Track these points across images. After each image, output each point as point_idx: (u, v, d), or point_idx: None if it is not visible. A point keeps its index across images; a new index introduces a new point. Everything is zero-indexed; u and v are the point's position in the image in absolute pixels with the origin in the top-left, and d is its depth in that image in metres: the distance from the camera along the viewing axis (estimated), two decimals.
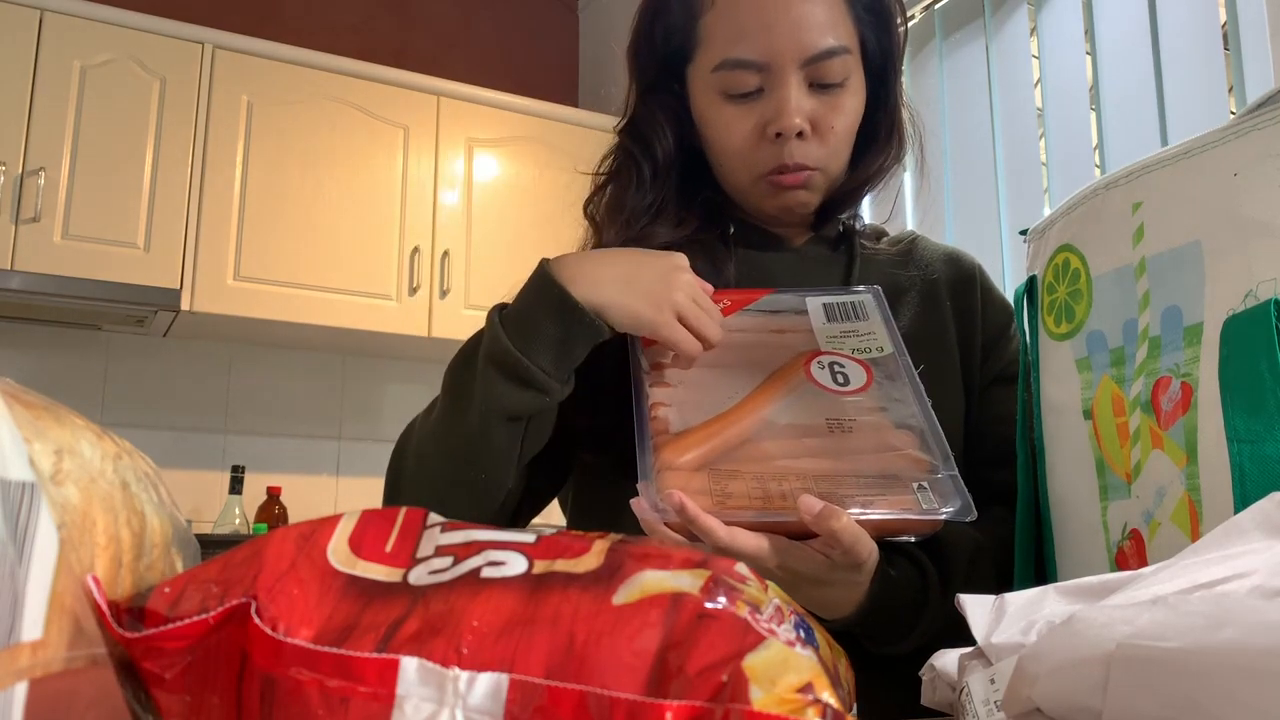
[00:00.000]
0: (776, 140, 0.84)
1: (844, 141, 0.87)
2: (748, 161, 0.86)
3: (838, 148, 0.87)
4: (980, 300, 0.93)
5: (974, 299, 0.93)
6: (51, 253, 2.57)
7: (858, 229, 0.95)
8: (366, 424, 3.18)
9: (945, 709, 0.49)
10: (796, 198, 0.87)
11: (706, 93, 0.86)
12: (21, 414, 0.36)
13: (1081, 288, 0.65)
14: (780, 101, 0.82)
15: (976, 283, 0.94)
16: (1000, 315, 0.93)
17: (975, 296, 0.93)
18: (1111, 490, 0.62)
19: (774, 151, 0.84)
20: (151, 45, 2.76)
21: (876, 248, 0.95)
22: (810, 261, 0.93)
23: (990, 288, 0.95)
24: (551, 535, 0.44)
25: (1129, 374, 0.60)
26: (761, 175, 0.86)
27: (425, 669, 0.35)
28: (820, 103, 0.84)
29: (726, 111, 0.85)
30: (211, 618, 0.36)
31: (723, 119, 0.85)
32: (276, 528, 0.45)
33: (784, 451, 0.68)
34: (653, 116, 0.90)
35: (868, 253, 0.94)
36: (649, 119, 0.90)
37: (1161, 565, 0.39)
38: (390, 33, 3.35)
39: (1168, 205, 0.59)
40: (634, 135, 0.91)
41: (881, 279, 0.91)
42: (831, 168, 0.87)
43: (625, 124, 0.92)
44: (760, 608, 0.40)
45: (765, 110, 0.83)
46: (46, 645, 0.32)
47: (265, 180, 2.82)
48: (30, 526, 0.32)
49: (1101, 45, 2.11)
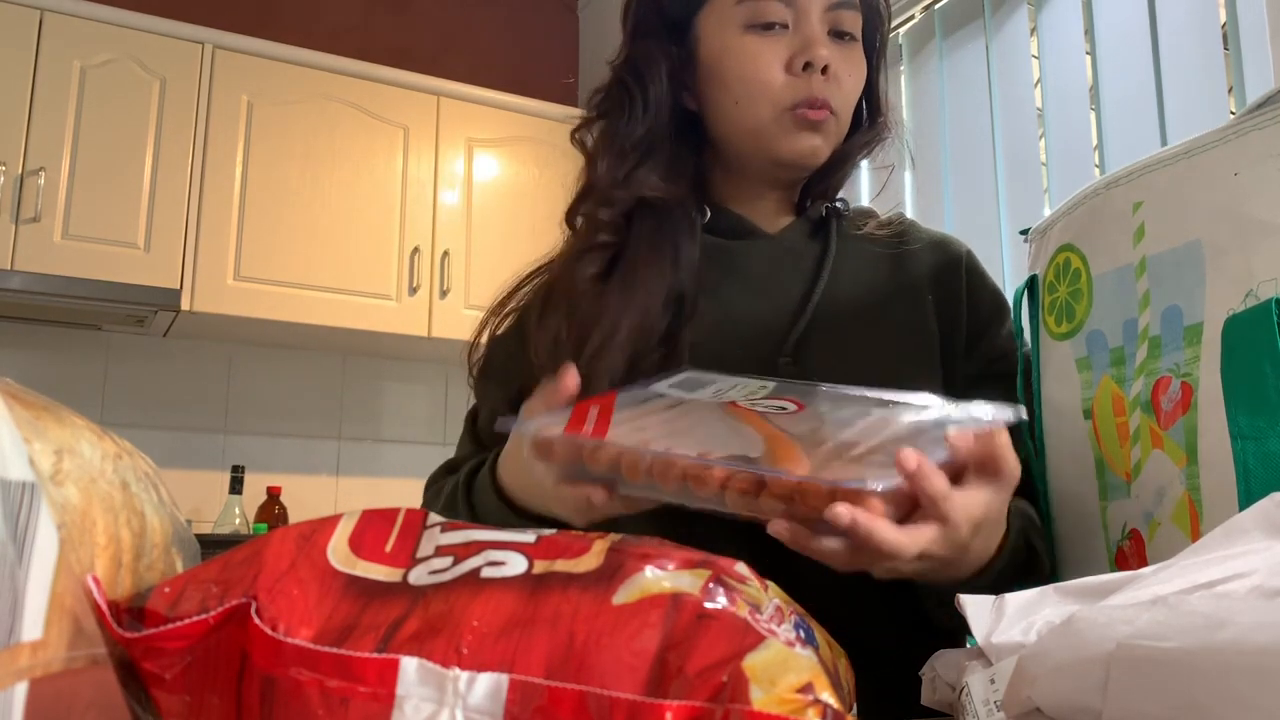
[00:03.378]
0: (804, 72, 0.84)
1: (854, 95, 0.89)
2: (773, 93, 0.85)
3: (850, 98, 0.88)
4: (966, 287, 0.90)
5: (958, 286, 0.90)
6: (51, 253, 2.57)
7: (843, 211, 0.94)
8: (366, 424, 3.18)
9: (945, 709, 0.49)
10: (812, 141, 0.86)
11: (728, 27, 0.86)
12: (21, 414, 0.36)
13: (1082, 287, 0.65)
14: (811, 34, 0.85)
15: (962, 268, 0.92)
16: (988, 306, 0.91)
17: (960, 283, 0.91)
18: (1111, 490, 0.62)
19: (801, 84, 0.85)
20: (151, 45, 2.75)
21: (863, 231, 0.94)
22: (783, 249, 0.91)
23: (979, 274, 0.93)
24: (551, 535, 0.44)
25: (1129, 374, 0.60)
26: (786, 109, 0.85)
27: (425, 669, 0.35)
28: (837, 50, 0.86)
29: (752, 42, 0.85)
30: (211, 618, 0.36)
31: (750, 49, 0.85)
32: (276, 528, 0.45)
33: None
34: (649, 55, 0.89)
35: (855, 236, 0.92)
36: (645, 56, 0.90)
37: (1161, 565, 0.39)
38: (390, 33, 3.35)
39: (1168, 205, 0.59)
40: (629, 69, 0.90)
41: (859, 265, 0.90)
42: (843, 119, 0.88)
43: (620, 60, 0.92)
44: (760, 608, 0.40)
45: (792, 43, 0.85)
46: (46, 645, 0.32)
47: (265, 180, 2.82)
48: (30, 526, 0.32)
49: (1101, 45, 2.11)
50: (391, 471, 3.17)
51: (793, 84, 0.85)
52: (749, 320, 0.87)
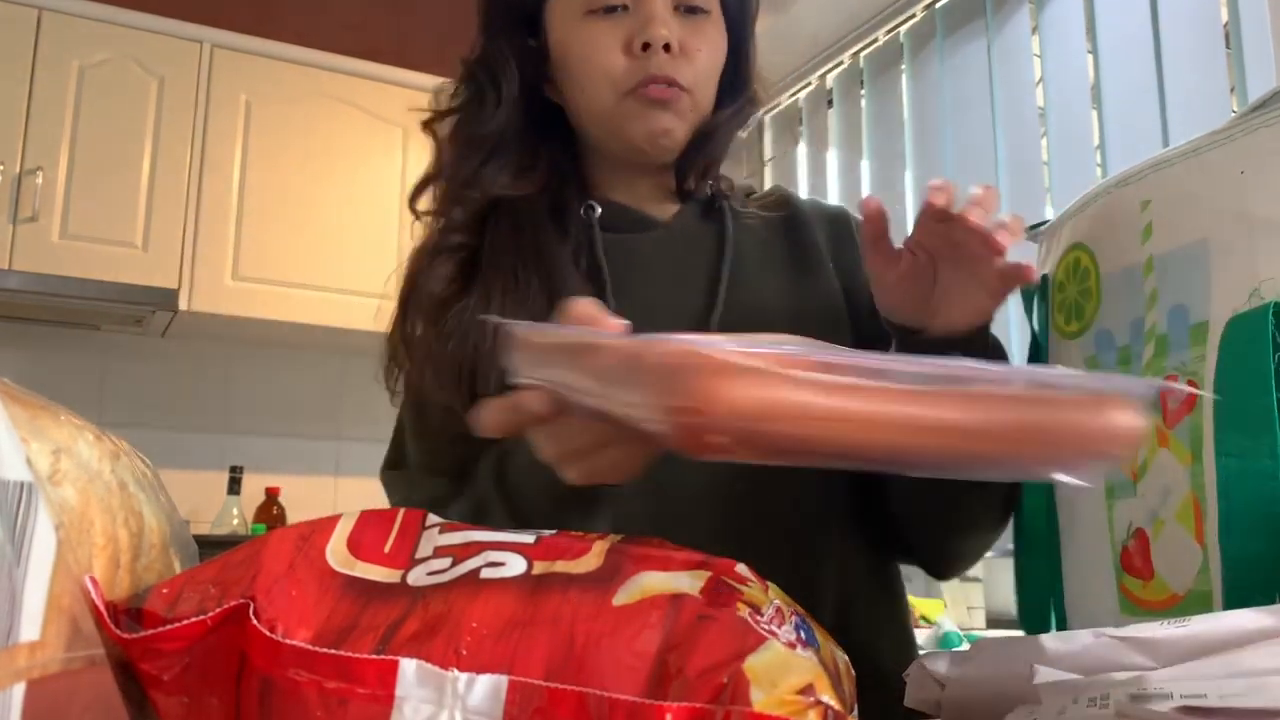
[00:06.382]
0: (644, 53, 0.83)
1: (709, 70, 0.87)
2: (613, 77, 0.84)
3: (704, 73, 0.86)
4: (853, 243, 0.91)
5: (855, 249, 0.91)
6: (49, 252, 2.56)
7: (724, 190, 0.93)
8: (365, 424, 3.17)
9: (930, 709, 0.49)
10: (663, 121, 0.84)
11: (571, 15, 0.85)
12: (19, 414, 0.36)
13: (1091, 286, 0.65)
14: (649, 12, 0.83)
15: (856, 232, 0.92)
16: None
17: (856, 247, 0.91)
18: (1118, 489, 0.62)
19: (640, 65, 0.83)
20: (150, 44, 2.75)
21: (748, 210, 0.93)
22: (680, 236, 0.90)
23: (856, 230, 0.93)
24: (551, 536, 0.44)
25: (1136, 372, 0.60)
26: (627, 91, 0.84)
27: (424, 670, 0.35)
28: (685, 25, 0.85)
29: (592, 27, 0.84)
30: (209, 619, 0.36)
31: (589, 35, 0.84)
32: (275, 528, 0.45)
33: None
34: (500, 50, 0.88)
35: (741, 216, 0.92)
36: (496, 52, 0.89)
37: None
38: (389, 31, 3.34)
39: (1175, 203, 0.59)
40: (480, 63, 0.89)
41: (754, 242, 0.90)
42: (698, 95, 0.86)
43: (473, 57, 0.91)
44: (761, 609, 0.40)
45: (632, 25, 0.84)
46: (44, 646, 0.32)
47: (264, 179, 2.81)
48: (28, 527, 0.32)
49: (1103, 44, 2.11)
50: None
51: (632, 66, 0.83)
52: (663, 312, 0.85)
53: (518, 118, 0.87)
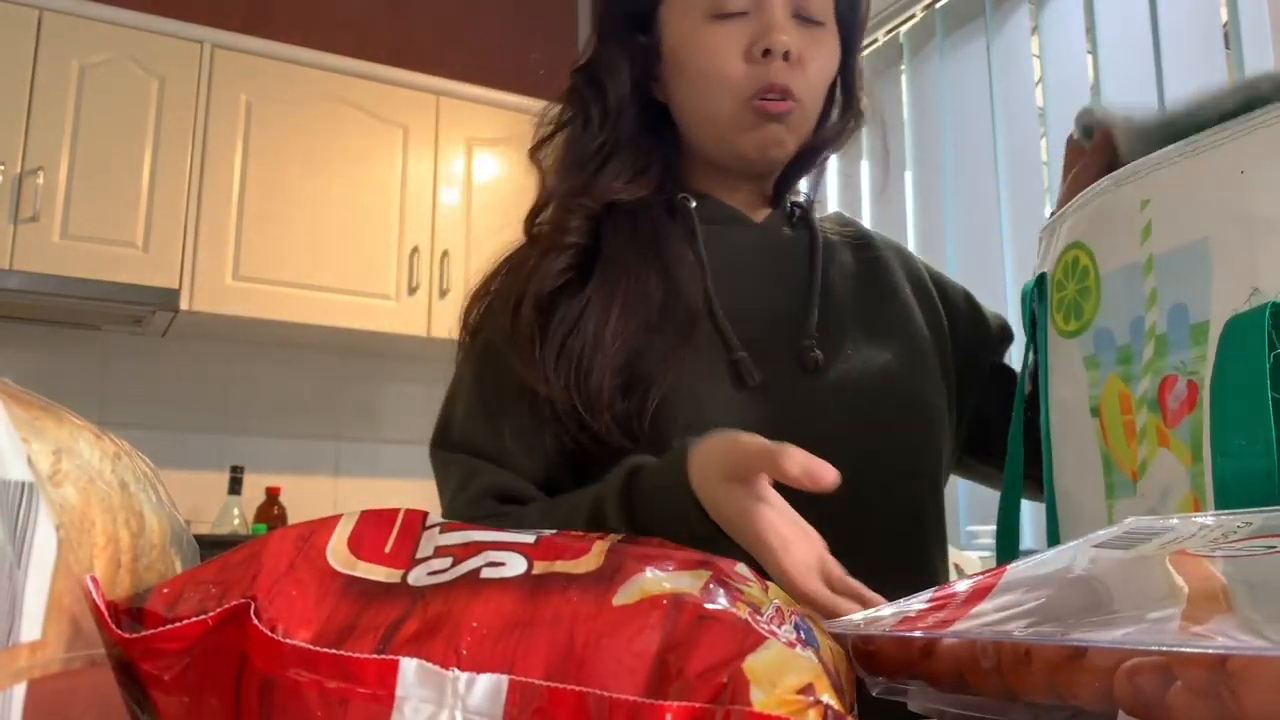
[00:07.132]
0: (764, 59, 0.83)
1: (821, 82, 0.87)
2: (733, 83, 0.84)
3: (816, 85, 0.87)
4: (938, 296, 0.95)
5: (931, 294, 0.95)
6: (50, 252, 2.57)
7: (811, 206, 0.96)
8: (366, 424, 3.18)
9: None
10: (776, 134, 0.85)
11: (689, 16, 0.85)
12: (20, 414, 0.36)
13: (1090, 285, 0.65)
14: (770, 19, 0.83)
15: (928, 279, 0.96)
16: (953, 290, 0.97)
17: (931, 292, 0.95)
18: (1118, 488, 0.61)
19: (760, 71, 0.83)
20: (150, 44, 2.75)
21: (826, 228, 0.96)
22: (774, 239, 0.92)
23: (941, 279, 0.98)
24: (551, 536, 0.44)
25: (1136, 372, 0.60)
26: (747, 99, 0.84)
27: (425, 670, 0.35)
28: (803, 35, 0.85)
29: (712, 32, 0.84)
30: (210, 619, 0.36)
31: (709, 39, 0.84)
32: (275, 528, 0.45)
33: None
34: (611, 57, 0.89)
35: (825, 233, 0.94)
36: (606, 60, 0.89)
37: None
38: (389, 31, 3.34)
39: (1175, 203, 0.59)
40: (587, 76, 0.90)
41: (843, 260, 0.92)
42: (808, 106, 0.87)
43: (580, 65, 0.91)
44: (761, 609, 0.40)
45: (753, 30, 0.84)
46: (45, 646, 0.32)
47: (264, 180, 2.81)
48: (29, 527, 0.32)
49: (1103, 44, 2.11)
50: (391, 472, 3.16)
51: (752, 72, 0.83)
52: (764, 305, 0.87)
53: (629, 121, 0.88)
